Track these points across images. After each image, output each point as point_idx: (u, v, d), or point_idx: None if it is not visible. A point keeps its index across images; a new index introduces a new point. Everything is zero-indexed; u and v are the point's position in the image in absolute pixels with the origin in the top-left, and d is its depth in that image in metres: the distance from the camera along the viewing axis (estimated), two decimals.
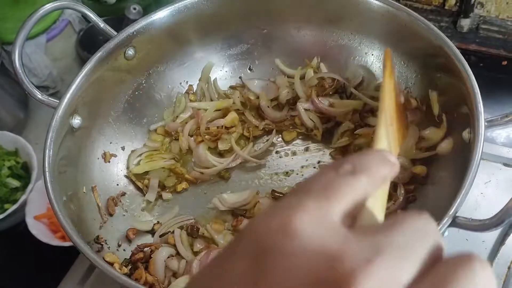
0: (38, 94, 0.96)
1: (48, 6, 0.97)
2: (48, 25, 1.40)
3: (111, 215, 1.01)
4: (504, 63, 1.42)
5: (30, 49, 1.37)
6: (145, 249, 0.95)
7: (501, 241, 1.04)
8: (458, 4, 1.45)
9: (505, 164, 1.15)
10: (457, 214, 0.75)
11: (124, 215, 1.03)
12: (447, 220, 0.73)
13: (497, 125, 0.84)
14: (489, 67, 1.42)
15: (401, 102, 0.71)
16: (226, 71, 1.19)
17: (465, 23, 1.44)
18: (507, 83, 1.39)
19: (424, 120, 1.02)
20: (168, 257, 0.94)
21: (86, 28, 1.48)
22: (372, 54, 1.11)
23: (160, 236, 1.00)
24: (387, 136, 0.56)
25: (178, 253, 0.96)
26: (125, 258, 0.95)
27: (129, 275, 0.90)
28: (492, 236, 1.05)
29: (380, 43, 1.09)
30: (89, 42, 1.45)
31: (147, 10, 1.35)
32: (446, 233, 0.77)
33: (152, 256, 0.94)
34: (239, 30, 1.15)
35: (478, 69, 1.43)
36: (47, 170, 0.86)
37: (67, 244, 1.13)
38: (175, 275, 0.94)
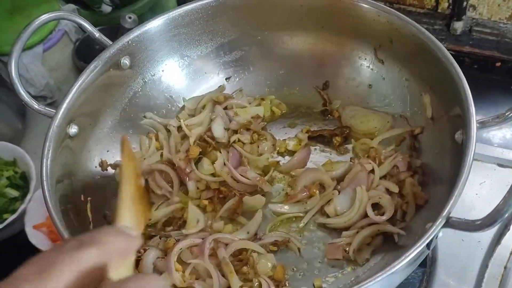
0: (35, 104, 0.97)
1: (44, 17, 0.98)
2: (44, 36, 1.41)
3: None
4: (498, 64, 1.43)
5: (27, 59, 1.38)
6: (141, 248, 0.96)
7: (496, 241, 1.05)
8: (450, 7, 1.46)
9: (500, 165, 1.16)
10: (452, 215, 0.75)
11: None
12: (440, 221, 0.74)
13: (488, 126, 0.84)
14: (483, 68, 1.43)
15: (142, 185, 0.80)
16: (221, 78, 1.21)
17: (458, 26, 1.45)
18: (501, 84, 1.40)
19: (417, 124, 1.04)
20: (157, 258, 0.95)
21: (83, 38, 1.49)
22: (365, 59, 1.12)
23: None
24: (130, 215, 0.63)
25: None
26: None
27: None
28: (487, 236, 1.05)
29: (372, 47, 1.10)
30: (85, 51, 1.47)
31: (142, 19, 1.36)
32: (440, 234, 0.77)
33: (141, 257, 0.94)
34: (233, 38, 1.17)
35: (472, 71, 1.44)
36: (44, 179, 0.87)
37: None
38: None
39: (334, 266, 0.94)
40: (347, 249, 0.94)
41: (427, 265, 1.03)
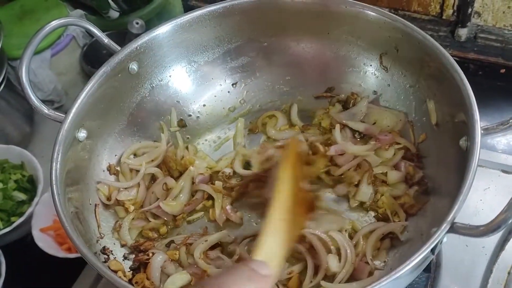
0: (45, 109, 0.98)
1: (54, 23, 1.00)
2: (53, 40, 1.43)
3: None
4: (503, 71, 1.44)
5: (35, 64, 1.40)
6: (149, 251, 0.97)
7: (500, 247, 1.05)
8: (455, 14, 1.47)
9: (504, 171, 1.16)
10: (456, 220, 0.76)
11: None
12: (445, 226, 0.74)
13: (493, 133, 0.85)
14: (488, 75, 1.44)
15: (303, 189, 0.72)
16: (227, 83, 1.22)
17: (463, 33, 1.46)
18: (506, 90, 1.41)
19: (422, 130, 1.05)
20: (165, 261, 0.96)
21: (90, 42, 1.50)
22: (371, 65, 1.12)
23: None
24: (275, 232, 0.60)
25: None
26: (130, 266, 0.97)
27: (130, 280, 0.93)
28: (492, 242, 1.06)
29: (377, 53, 1.10)
30: (93, 56, 1.48)
31: (149, 25, 1.38)
32: (445, 239, 0.78)
33: (149, 260, 0.95)
34: (240, 44, 1.17)
35: (477, 78, 1.45)
36: (54, 183, 0.88)
37: (73, 255, 1.15)
38: None
39: None
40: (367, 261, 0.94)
41: (431, 270, 1.03)
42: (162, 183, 1.08)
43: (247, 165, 1.13)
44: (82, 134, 0.99)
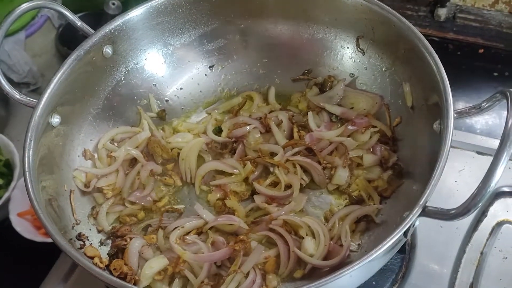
0: (17, 94, 0.96)
1: (25, 6, 0.98)
2: (27, 21, 1.40)
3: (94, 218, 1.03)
4: (481, 51, 1.44)
5: (9, 45, 1.37)
6: (126, 236, 0.97)
7: (473, 228, 1.07)
8: None
9: (479, 153, 1.17)
10: (431, 202, 0.77)
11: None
12: (417, 210, 0.75)
13: (466, 116, 0.86)
14: (466, 55, 1.44)
15: None
16: (204, 66, 1.21)
17: (442, 12, 1.46)
18: (484, 70, 1.41)
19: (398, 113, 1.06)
20: (143, 246, 0.96)
21: (66, 23, 1.48)
22: (348, 48, 1.12)
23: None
24: None
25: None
26: (108, 252, 0.97)
27: (107, 265, 0.93)
28: (465, 223, 1.08)
29: (354, 36, 1.10)
30: (68, 37, 1.45)
31: (126, 5, 1.36)
32: (417, 222, 0.79)
33: (126, 246, 0.96)
34: (216, 26, 1.16)
35: (456, 57, 1.46)
36: (27, 170, 0.87)
37: (50, 240, 1.14)
38: None
39: None
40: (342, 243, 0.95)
41: (406, 251, 1.05)
42: (148, 169, 1.08)
43: (219, 129, 1.14)
44: (55, 119, 0.98)
